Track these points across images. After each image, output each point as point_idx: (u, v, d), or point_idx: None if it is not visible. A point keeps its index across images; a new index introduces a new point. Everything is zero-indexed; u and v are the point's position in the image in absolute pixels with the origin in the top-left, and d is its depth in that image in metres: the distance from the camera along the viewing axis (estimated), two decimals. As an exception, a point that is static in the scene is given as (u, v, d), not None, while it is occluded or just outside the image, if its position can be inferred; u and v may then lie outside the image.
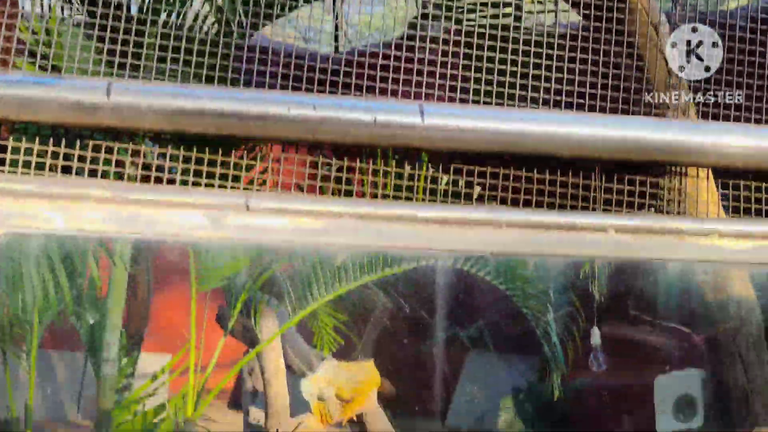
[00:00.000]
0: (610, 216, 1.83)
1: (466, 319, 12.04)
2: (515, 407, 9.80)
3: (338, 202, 1.74)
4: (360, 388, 5.41)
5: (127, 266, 3.72)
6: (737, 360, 5.93)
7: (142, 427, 4.38)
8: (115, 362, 3.77)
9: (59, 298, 3.67)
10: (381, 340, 11.14)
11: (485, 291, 4.61)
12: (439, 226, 1.75)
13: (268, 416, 5.41)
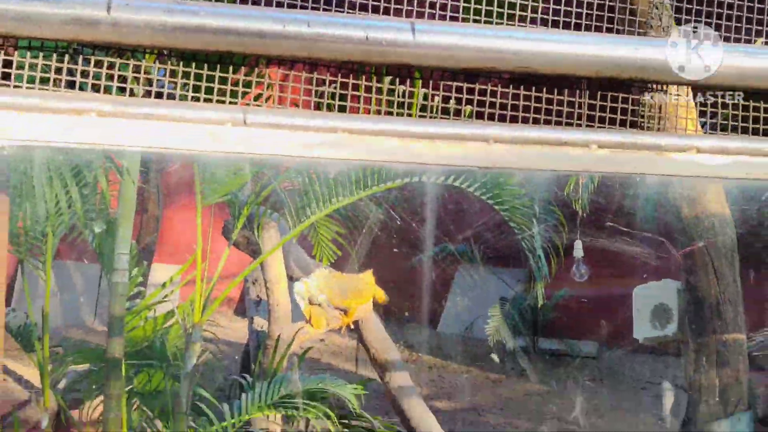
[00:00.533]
0: (593, 132, 1.81)
1: (457, 233, 12.10)
2: (502, 314, 9.94)
3: (332, 117, 1.70)
4: (354, 298, 5.46)
5: (135, 180, 3.70)
6: (711, 271, 5.97)
7: (153, 331, 4.44)
8: (125, 272, 3.77)
9: (70, 211, 3.66)
10: (376, 253, 11.20)
11: (474, 205, 4.58)
12: (429, 141, 1.72)
13: (271, 322, 5.47)
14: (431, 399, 8.73)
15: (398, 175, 3.93)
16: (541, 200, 3.50)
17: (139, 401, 4.61)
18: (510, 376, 9.83)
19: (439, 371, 9.90)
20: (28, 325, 3.97)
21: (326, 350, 10.40)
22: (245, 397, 4.28)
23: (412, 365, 10.14)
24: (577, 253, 6.83)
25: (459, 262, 12.32)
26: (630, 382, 9.63)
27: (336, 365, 9.69)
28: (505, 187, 3.55)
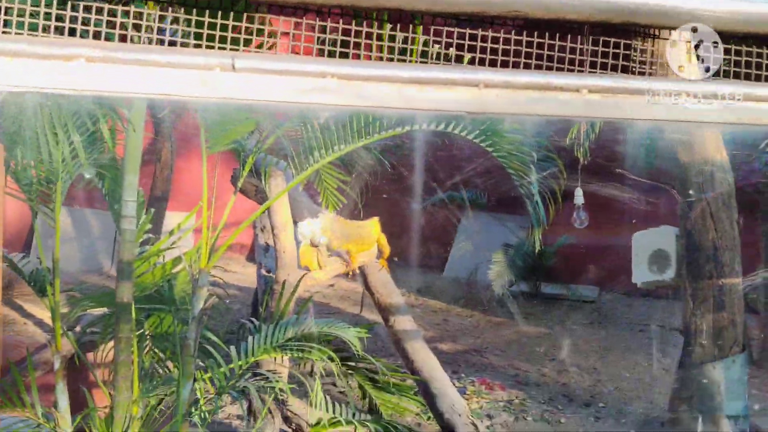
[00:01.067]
0: (583, 76, 1.76)
1: (461, 180, 12.05)
2: (505, 260, 9.95)
3: (321, 62, 1.66)
4: (356, 244, 5.45)
5: (141, 128, 3.65)
6: (708, 217, 5.92)
7: (162, 277, 4.43)
8: (132, 219, 3.75)
9: (75, 160, 3.63)
10: (381, 200, 11.17)
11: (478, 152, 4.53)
12: (419, 86, 1.68)
13: (278, 267, 5.47)
14: (436, 341, 8.78)
15: (399, 123, 3.87)
16: (539, 147, 3.45)
17: (150, 344, 4.63)
18: (512, 320, 9.87)
19: (443, 315, 9.95)
20: (40, 271, 3.96)
21: (335, 295, 10.44)
22: (251, 339, 4.28)
23: (418, 309, 10.19)
24: (577, 200, 6.79)
25: (464, 209, 12.30)
26: (628, 325, 9.66)
27: (344, 309, 9.74)
28: (502, 134, 3.49)
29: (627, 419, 6.63)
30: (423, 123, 3.82)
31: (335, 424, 4.26)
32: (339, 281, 10.79)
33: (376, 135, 3.93)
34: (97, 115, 3.17)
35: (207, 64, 1.59)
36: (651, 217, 9.40)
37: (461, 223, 12.45)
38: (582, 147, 7.60)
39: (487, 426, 6.27)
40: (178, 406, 4.02)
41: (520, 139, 3.49)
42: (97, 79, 1.55)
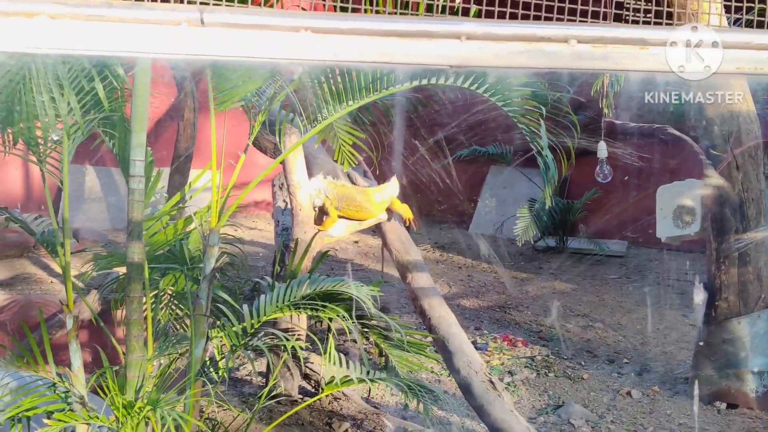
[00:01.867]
0: (571, 26, 1.67)
1: (486, 134, 11.90)
2: (531, 215, 9.85)
3: (295, 15, 1.59)
4: (354, 211, 5.42)
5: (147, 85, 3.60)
6: (734, 169, 5.79)
7: (174, 236, 4.43)
8: (141, 178, 3.72)
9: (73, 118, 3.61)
10: (406, 156, 11.09)
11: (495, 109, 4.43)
12: (398, 39, 1.61)
13: (294, 225, 5.46)
14: (459, 297, 8.76)
15: (413, 77, 3.79)
16: (554, 100, 3.35)
17: (167, 303, 4.65)
18: (538, 275, 9.80)
19: (468, 271, 9.90)
20: (52, 231, 3.97)
21: (359, 252, 10.44)
22: (263, 298, 4.28)
23: (442, 265, 10.16)
24: (600, 154, 6.67)
25: (490, 164, 12.18)
26: (656, 281, 9.55)
27: (367, 266, 9.73)
28: (513, 87, 3.40)
29: (650, 375, 6.57)
30: (432, 78, 3.74)
31: (348, 382, 4.26)
32: (363, 237, 10.79)
33: (392, 88, 3.86)
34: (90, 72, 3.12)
35: (174, 19, 1.53)
36: (677, 171, 9.24)
37: (487, 177, 12.34)
38: (607, 99, 7.46)
39: (508, 383, 6.25)
40: (190, 364, 4.04)
41: (530, 91, 3.40)
42: (60, 37, 1.50)
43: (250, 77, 4.06)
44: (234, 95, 4.04)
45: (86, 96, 3.48)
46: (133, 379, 3.86)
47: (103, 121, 4.02)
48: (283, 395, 5.31)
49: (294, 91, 4.28)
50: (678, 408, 5.84)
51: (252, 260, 9.60)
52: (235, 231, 10.30)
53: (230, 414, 5.14)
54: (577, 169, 10.62)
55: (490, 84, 3.55)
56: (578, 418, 5.56)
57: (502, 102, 3.47)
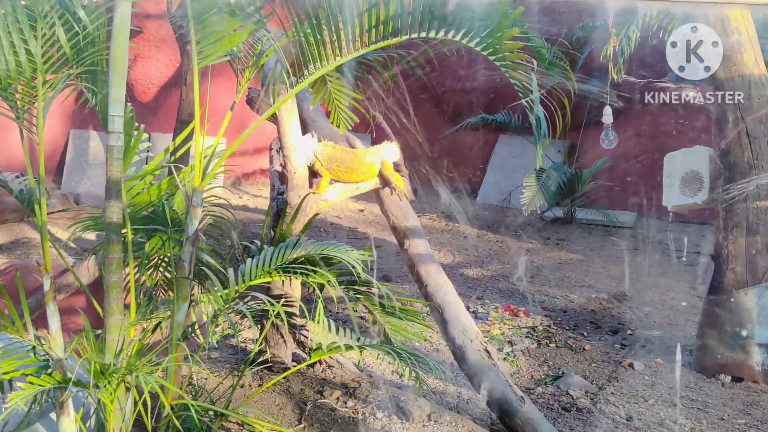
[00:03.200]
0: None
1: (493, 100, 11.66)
2: (538, 185, 9.65)
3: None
4: (345, 173, 5.27)
5: (125, 35, 3.41)
6: (744, 135, 5.57)
7: (158, 196, 4.27)
8: (119, 135, 3.55)
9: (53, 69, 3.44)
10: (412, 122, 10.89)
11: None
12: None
13: (288, 188, 5.28)
14: (463, 266, 8.59)
15: (402, 30, 3.60)
16: (544, 54, 3.14)
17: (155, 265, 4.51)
18: (544, 245, 9.62)
19: (473, 240, 9.73)
20: (29, 190, 3.82)
21: (363, 219, 10.29)
22: (250, 262, 4.13)
23: (447, 234, 9.99)
24: (606, 120, 6.45)
25: (498, 132, 11.96)
26: (665, 252, 9.35)
27: (372, 234, 9.58)
28: (504, 40, 3.20)
29: (654, 347, 6.39)
30: (422, 31, 3.54)
31: (335, 349, 4.11)
32: (369, 206, 10.63)
33: (381, 42, 3.67)
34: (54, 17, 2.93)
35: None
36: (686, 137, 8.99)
37: (495, 147, 12.12)
38: (617, 65, 7.23)
39: (507, 352, 6.09)
40: (172, 328, 3.90)
41: (520, 45, 3.19)
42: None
43: (235, 29, 3.88)
44: (218, 48, 3.86)
45: (54, 45, 3.30)
46: (112, 343, 3.72)
47: (85, 76, 3.85)
48: (276, 362, 5.17)
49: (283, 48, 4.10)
50: (681, 380, 5.67)
51: (255, 228, 9.46)
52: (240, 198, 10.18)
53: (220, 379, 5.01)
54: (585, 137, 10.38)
55: (481, 38, 3.35)
56: (577, 389, 5.40)
57: (493, 56, 3.28)
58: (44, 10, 3.08)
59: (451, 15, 3.40)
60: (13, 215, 8.81)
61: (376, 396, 4.88)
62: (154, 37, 11.55)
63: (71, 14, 3.20)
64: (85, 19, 3.31)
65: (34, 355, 3.77)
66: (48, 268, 3.78)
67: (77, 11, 3.21)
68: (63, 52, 3.63)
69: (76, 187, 10.67)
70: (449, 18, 3.32)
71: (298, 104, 5.54)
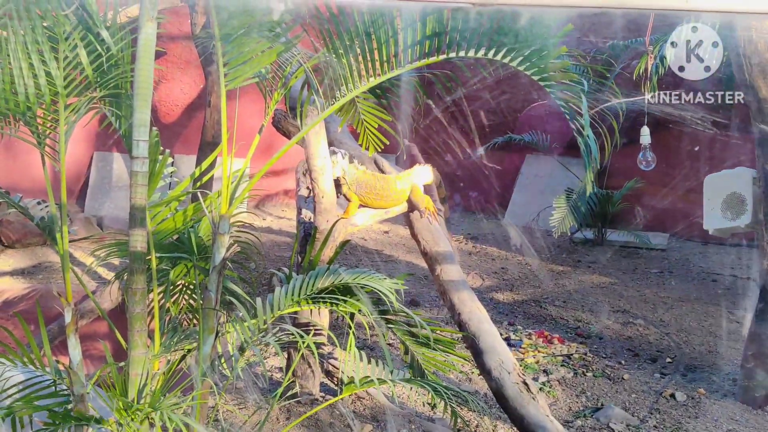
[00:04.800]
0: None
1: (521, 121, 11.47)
2: (568, 205, 9.43)
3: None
4: (372, 197, 5.14)
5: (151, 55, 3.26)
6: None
7: (183, 223, 4.12)
8: (144, 160, 3.40)
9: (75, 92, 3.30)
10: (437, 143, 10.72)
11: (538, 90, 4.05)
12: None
13: (316, 213, 5.13)
14: (492, 291, 8.38)
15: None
16: (594, 72, 2.98)
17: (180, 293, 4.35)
18: (575, 268, 9.38)
19: (502, 263, 9.51)
20: (51, 217, 3.68)
21: (389, 242, 10.10)
22: (278, 291, 3.96)
23: (475, 257, 9.78)
24: (644, 140, 6.24)
25: (526, 152, 11.75)
26: (699, 275, 9.08)
27: (398, 257, 9.39)
28: (549, 59, 3.03)
29: (696, 376, 6.14)
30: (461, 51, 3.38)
31: (368, 383, 3.92)
32: (395, 228, 10.45)
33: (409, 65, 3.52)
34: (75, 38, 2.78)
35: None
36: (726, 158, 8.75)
37: (523, 167, 11.91)
38: (650, 82, 7.03)
39: (543, 382, 5.87)
40: (198, 361, 3.73)
41: (569, 64, 3.02)
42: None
43: (263, 51, 3.73)
44: (247, 70, 3.71)
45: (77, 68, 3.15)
46: (135, 377, 3.56)
47: (108, 99, 3.72)
48: (304, 393, 5.00)
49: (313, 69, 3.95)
50: (726, 412, 5.42)
51: (279, 251, 9.30)
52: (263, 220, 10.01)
53: (247, 413, 4.84)
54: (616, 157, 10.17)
55: (524, 57, 3.17)
56: (618, 422, 5.17)
57: (538, 75, 3.10)
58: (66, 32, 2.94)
59: (490, 33, 3.23)
60: (36, 239, 8.72)
61: (409, 430, 4.69)
62: (177, 58, 11.48)
63: (94, 35, 3.06)
64: (108, 40, 3.17)
65: (55, 389, 3.63)
66: (69, 298, 3.63)
67: (101, 32, 3.06)
68: (85, 75, 3.49)
69: (99, 210, 10.57)
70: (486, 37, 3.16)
71: (325, 126, 5.40)
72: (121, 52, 3.57)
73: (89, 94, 3.59)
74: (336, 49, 3.69)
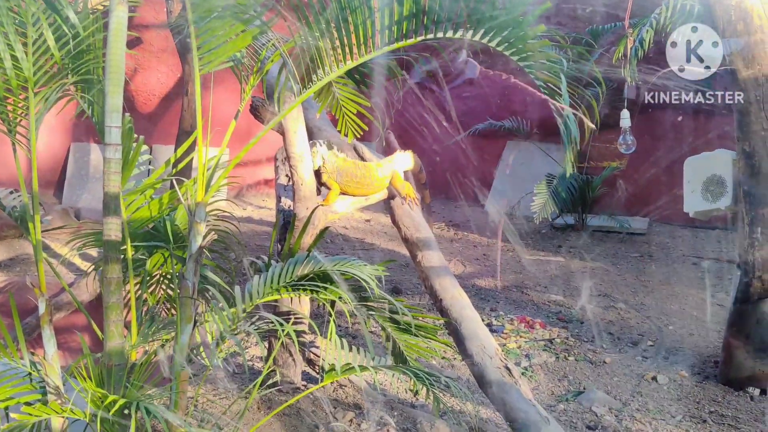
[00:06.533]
0: None
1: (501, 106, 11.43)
2: (549, 191, 9.42)
3: None
4: (351, 185, 5.08)
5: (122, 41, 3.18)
6: None
7: (159, 211, 4.04)
8: (117, 147, 3.31)
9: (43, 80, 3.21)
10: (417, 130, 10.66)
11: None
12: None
13: (295, 200, 5.06)
14: (474, 277, 8.35)
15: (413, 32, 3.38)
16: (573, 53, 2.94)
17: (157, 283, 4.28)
18: (556, 253, 9.37)
19: (483, 249, 9.49)
20: (23, 206, 3.60)
21: (371, 230, 10.05)
22: (258, 279, 3.89)
23: (457, 244, 9.75)
24: (623, 123, 6.20)
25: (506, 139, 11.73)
26: (680, 258, 9.10)
27: (380, 245, 9.34)
28: (527, 39, 2.97)
29: (677, 358, 6.15)
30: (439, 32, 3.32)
31: (349, 371, 3.87)
32: (376, 216, 10.40)
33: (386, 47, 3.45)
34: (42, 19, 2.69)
35: None
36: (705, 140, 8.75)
37: (503, 153, 11.89)
38: (630, 66, 6.99)
39: (525, 367, 5.85)
40: (176, 351, 3.66)
41: (548, 44, 2.96)
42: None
43: (238, 34, 3.65)
44: (220, 54, 3.63)
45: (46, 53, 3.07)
46: (111, 368, 3.49)
47: (81, 86, 3.63)
48: (285, 382, 4.94)
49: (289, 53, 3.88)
50: (708, 394, 5.42)
51: (260, 240, 9.23)
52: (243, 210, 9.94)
53: (227, 402, 4.78)
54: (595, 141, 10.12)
55: (502, 37, 3.12)
56: (601, 406, 5.15)
57: (517, 56, 3.05)
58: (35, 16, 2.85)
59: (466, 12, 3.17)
60: (12, 231, 8.60)
61: (391, 417, 4.65)
62: (154, 47, 11.34)
63: (63, 20, 2.97)
64: (76, 22, 3.08)
65: (30, 381, 3.55)
66: (43, 289, 3.55)
67: (68, 14, 2.97)
68: (55, 61, 3.41)
69: (77, 201, 10.45)
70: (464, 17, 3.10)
71: (303, 112, 5.33)
72: (92, 36, 3.49)
73: (59, 81, 3.51)
74: (312, 32, 3.62)
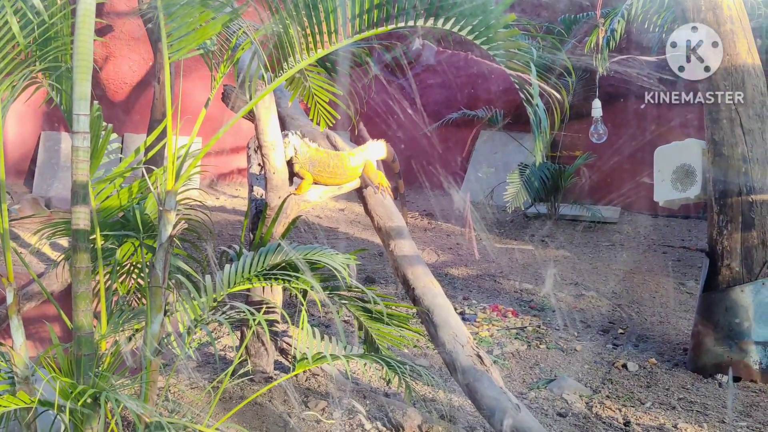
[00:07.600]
0: None
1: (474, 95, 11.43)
2: (522, 181, 9.45)
3: None
4: (324, 175, 5.06)
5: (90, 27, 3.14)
6: (738, 126, 5.38)
7: (129, 199, 4.00)
8: (86, 135, 3.27)
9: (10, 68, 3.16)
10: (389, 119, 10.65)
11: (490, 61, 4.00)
12: None
13: (267, 189, 5.03)
14: (447, 266, 8.37)
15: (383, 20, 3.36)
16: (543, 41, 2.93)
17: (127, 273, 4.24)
18: (529, 242, 9.42)
19: (456, 239, 9.51)
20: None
21: (344, 219, 10.04)
22: (229, 268, 3.87)
23: (430, 233, 9.77)
24: (595, 113, 6.24)
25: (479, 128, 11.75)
26: (651, 247, 9.18)
27: (353, 234, 9.33)
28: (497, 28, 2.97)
29: (647, 346, 6.20)
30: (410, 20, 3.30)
31: (321, 360, 3.86)
32: (350, 205, 10.38)
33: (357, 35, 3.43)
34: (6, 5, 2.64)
35: None
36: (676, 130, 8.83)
37: (476, 143, 11.91)
38: (601, 55, 7.03)
39: (497, 355, 5.88)
40: (146, 341, 3.63)
41: (518, 33, 2.96)
42: None
43: (208, 21, 3.61)
44: (190, 41, 3.59)
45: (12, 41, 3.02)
46: (81, 358, 3.45)
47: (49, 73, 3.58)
48: (257, 371, 4.93)
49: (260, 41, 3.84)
50: (677, 381, 5.48)
51: (233, 229, 9.18)
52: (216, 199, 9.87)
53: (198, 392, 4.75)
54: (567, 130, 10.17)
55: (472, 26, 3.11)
56: (571, 393, 5.19)
57: (487, 45, 3.04)
58: (0, 3, 2.80)
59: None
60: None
61: (363, 406, 4.65)
62: (125, 34, 11.21)
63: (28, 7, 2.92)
64: (40, 8, 3.03)
65: (0, 372, 3.51)
66: (11, 279, 3.51)
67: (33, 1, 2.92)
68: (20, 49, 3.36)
69: (47, 190, 10.33)
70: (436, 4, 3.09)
71: (276, 101, 5.30)
72: (60, 23, 3.44)
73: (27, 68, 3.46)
74: (282, 20, 3.59)
